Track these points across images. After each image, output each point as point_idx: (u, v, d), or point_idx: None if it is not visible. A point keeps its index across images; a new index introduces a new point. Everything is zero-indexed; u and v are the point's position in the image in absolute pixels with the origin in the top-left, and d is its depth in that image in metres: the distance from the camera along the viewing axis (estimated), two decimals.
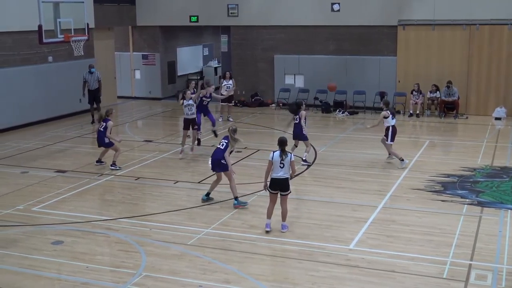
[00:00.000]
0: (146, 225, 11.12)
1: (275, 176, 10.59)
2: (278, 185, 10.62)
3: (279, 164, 10.54)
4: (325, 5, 23.22)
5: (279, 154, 10.57)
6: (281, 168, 10.55)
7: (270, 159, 10.60)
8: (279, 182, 10.60)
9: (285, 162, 10.54)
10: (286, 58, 24.16)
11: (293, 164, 10.68)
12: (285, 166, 10.56)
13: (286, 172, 10.61)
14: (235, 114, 22.16)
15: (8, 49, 19.68)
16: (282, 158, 10.53)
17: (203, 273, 9.05)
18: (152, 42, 26.59)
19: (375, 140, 18.04)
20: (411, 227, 10.85)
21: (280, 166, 10.55)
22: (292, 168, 10.67)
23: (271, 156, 10.60)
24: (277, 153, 10.59)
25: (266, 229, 10.69)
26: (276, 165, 10.57)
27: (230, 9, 24.74)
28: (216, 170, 12.32)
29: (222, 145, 12.28)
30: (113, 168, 14.82)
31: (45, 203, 12.39)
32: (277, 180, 10.59)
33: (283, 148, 10.63)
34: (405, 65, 22.48)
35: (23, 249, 10.04)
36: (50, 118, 21.20)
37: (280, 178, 10.58)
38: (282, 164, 10.54)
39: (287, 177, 10.63)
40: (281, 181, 10.59)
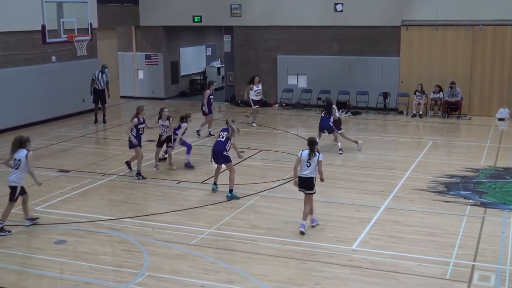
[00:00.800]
0: (149, 225, 11.12)
1: (300, 174, 10.73)
2: (302, 183, 10.75)
3: (306, 162, 10.64)
4: (328, 5, 23.21)
5: (307, 153, 10.66)
6: (307, 167, 10.64)
7: (299, 155, 10.73)
8: (303, 180, 10.72)
9: (312, 161, 10.61)
10: (289, 59, 24.14)
11: (320, 164, 10.70)
12: (312, 165, 10.63)
13: (312, 172, 10.66)
14: (235, 114, 22.14)
15: (12, 49, 19.71)
16: (309, 157, 10.62)
17: (206, 273, 9.05)
18: (155, 42, 26.60)
19: (377, 141, 18.04)
20: (414, 228, 10.84)
21: (307, 165, 10.64)
22: (318, 169, 10.70)
23: (300, 153, 10.75)
24: (306, 152, 10.69)
25: (301, 229, 10.65)
26: (303, 163, 10.68)
27: (233, 9, 24.74)
28: (219, 162, 12.68)
29: (222, 137, 12.70)
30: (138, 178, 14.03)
31: (48, 203, 12.40)
32: (302, 179, 10.73)
33: (313, 148, 10.70)
34: (408, 66, 22.46)
35: (26, 249, 10.06)
36: (53, 117, 21.22)
37: (304, 177, 10.69)
38: (309, 163, 10.63)
39: (312, 176, 10.69)
40: (305, 179, 10.70)
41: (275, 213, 11.72)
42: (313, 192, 10.80)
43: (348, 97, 23.00)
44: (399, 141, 18.63)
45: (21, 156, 10.61)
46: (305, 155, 10.67)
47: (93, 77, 20.89)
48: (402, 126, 20.97)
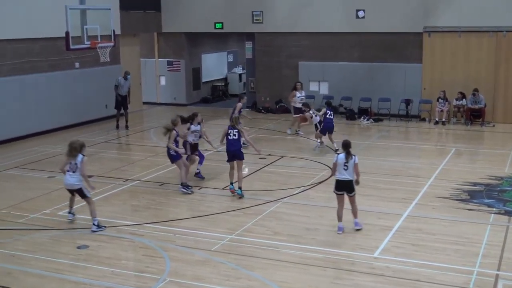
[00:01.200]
0: (170, 230, 11.16)
1: (339, 178, 10.81)
2: (342, 187, 10.83)
3: (343, 166, 10.75)
4: (350, 12, 23.17)
5: (344, 157, 10.77)
6: (345, 170, 10.75)
7: (334, 161, 10.86)
8: (343, 184, 10.82)
9: (349, 164, 10.73)
10: (310, 65, 24.12)
11: (357, 167, 10.83)
12: (349, 168, 10.74)
13: (350, 174, 10.77)
14: (258, 120, 22.16)
15: (36, 55, 19.96)
16: (346, 160, 10.72)
17: (227, 279, 9.04)
18: (177, 48, 26.76)
19: (399, 148, 17.94)
20: (437, 236, 10.73)
21: (344, 168, 10.75)
22: (356, 171, 10.82)
23: (335, 158, 10.87)
24: (342, 156, 10.82)
25: (338, 232, 10.85)
26: (340, 167, 10.78)
27: (255, 16, 24.80)
28: (240, 158, 13.10)
29: (234, 135, 13.01)
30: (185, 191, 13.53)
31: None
32: (341, 182, 10.82)
33: (348, 151, 10.79)
34: (431, 72, 22.31)
35: (49, 253, 10.14)
36: (77, 123, 21.43)
37: (344, 180, 10.79)
38: (346, 166, 10.74)
39: (351, 179, 10.80)
40: (345, 183, 10.81)
41: (296, 220, 11.69)
42: (354, 193, 10.92)
43: (370, 104, 22.91)
44: (422, 148, 18.50)
45: (77, 161, 11.06)
46: (341, 159, 10.78)
47: (116, 83, 21.09)
48: (424, 133, 20.82)
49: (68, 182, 11.13)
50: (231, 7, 25.08)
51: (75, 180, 11.08)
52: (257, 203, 12.64)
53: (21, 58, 19.42)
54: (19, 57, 19.35)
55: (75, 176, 11.07)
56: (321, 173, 14.93)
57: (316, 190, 13.69)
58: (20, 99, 19.32)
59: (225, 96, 29.02)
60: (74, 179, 11.09)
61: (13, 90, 19.06)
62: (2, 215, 12.08)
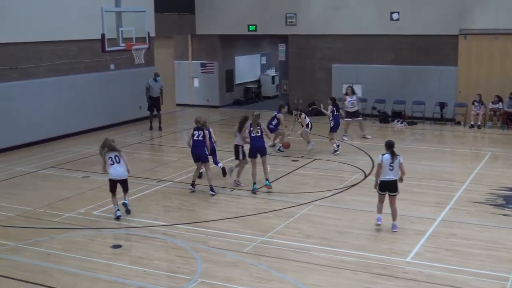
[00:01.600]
0: (202, 231, 11.23)
1: (385, 179, 10.85)
2: (387, 187, 10.89)
3: (388, 167, 10.78)
4: (384, 14, 23.01)
5: (389, 157, 10.81)
6: (390, 170, 10.79)
7: (379, 161, 10.86)
8: (388, 185, 10.87)
9: (394, 164, 10.77)
10: (344, 67, 24.02)
11: (402, 166, 10.92)
12: (394, 168, 10.79)
13: (396, 174, 10.84)
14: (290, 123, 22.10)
15: (73, 57, 20.30)
16: (392, 160, 10.77)
17: (258, 281, 9.06)
18: (210, 50, 26.90)
19: (433, 152, 17.74)
20: (471, 241, 10.59)
21: (390, 169, 10.79)
22: (402, 170, 10.91)
23: (380, 158, 10.87)
24: (387, 156, 10.84)
25: (378, 223, 11.06)
26: (385, 168, 10.79)
27: (288, 18, 24.80)
28: (264, 154, 13.61)
29: (257, 133, 13.43)
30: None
31: (105, 207, 12.67)
32: (387, 183, 10.87)
33: (392, 151, 10.83)
34: (466, 75, 22.01)
35: (83, 252, 10.29)
36: (111, 124, 21.71)
37: (390, 181, 10.85)
38: (392, 166, 10.78)
39: (396, 179, 10.88)
40: (390, 183, 10.87)
41: (328, 222, 11.66)
42: (398, 193, 10.95)
43: (403, 107, 22.71)
44: (456, 152, 18.26)
45: (116, 154, 12.02)
46: (387, 159, 10.81)
47: (147, 85, 21.37)
48: (459, 137, 20.54)
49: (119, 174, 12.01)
50: (265, 9, 25.12)
51: (122, 171, 12.05)
52: (289, 206, 12.63)
53: (58, 60, 19.77)
54: (56, 58, 19.71)
55: (121, 167, 12.03)
56: (353, 176, 14.86)
57: (348, 193, 13.63)
58: (57, 100, 19.67)
59: (258, 98, 29.07)
60: (120, 170, 12.01)
61: (50, 91, 19.41)
62: (39, 214, 12.32)
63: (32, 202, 13.09)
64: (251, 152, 13.67)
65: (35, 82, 18.96)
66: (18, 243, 10.69)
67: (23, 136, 18.51)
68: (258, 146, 13.52)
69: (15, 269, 9.59)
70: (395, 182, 10.89)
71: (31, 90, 18.77)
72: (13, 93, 18.20)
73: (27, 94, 18.64)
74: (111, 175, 11.96)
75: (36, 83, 19.00)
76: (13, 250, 10.41)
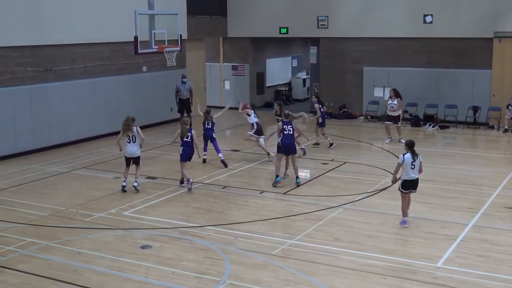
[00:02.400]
0: (231, 233, 11.26)
1: (408, 178, 11.19)
2: (411, 185, 11.25)
3: (410, 165, 11.10)
4: (417, 17, 22.81)
5: (410, 156, 11.09)
6: (412, 169, 11.12)
7: (401, 162, 11.14)
8: (413, 183, 11.25)
9: (416, 163, 11.09)
10: (375, 70, 23.87)
11: (421, 165, 11.29)
12: (416, 167, 11.12)
13: (416, 173, 11.19)
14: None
15: (106, 59, 20.57)
16: (413, 159, 11.06)
17: (286, 284, 9.05)
18: (242, 53, 27.00)
19: (466, 156, 17.52)
20: (504, 247, 10.41)
21: (411, 168, 11.11)
22: (421, 169, 11.28)
23: (402, 158, 11.12)
24: (408, 155, 11.11)
25: (404, 226, 11.37)
26: (407, 167, 11.12)
27: (320, 21, 24.75)
28: (293, 153, 14.19)
29: (289, 130, 13.99)
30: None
31: (136, 208, 12.80)
32: (411, 181, 11.22)
33: (413, 150, 11.14)
34: (501, 79, 21.68)
35: (113, 252, 10.40)
36: (143, 125, 21.65)
37: (413, 179, 11.22)
38: (413, 165, 11.10)
39: (418, 177, 11.25)
40: (413, 182, 11.25)
41: (357, 226, 11.58)
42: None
43: (436, 110, 22.47)
44: (489, 156, 17.98)
45: (134, 132, 13.77)
46: (409, 158, 11.09)
47: (176, 88, 21.56)
48: (492, 141, 20.22)
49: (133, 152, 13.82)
50: (296, 12, 25.11)
51: (135, 149, 13.84)
52: (318, 209, 12.60)
53: (91, 62, 20.05)
54: (89, 60, 19.99)
55: (135, 145, 13.84)
56: (383, 180, 14.74)
57: (378, 197, 13.53)
58: (90, 101, 19.94)
59: (289, 101, 29.05)
60: (134, 148, 13.82)
61: (83, 93, 19.69)
62: (70, 214, 12.50)
63: (64, 202, 13.30)
64: (281, 149, 14.30)
65: (69, 83, 19.26)
66: (49, 242, 10.87)
67: (56, 137, 18.81)
68: (288, 143, 14.14)
69: (46, 268, 9.74)
70: (418, 180, 11.27)
71: (65, 92, 19.07)
72: (48, 94, 18.52)
73: (61, 96, 18.95)
74: (125, 153, 13.92)
75: (70, 84, 19.30)
76: (45, 248, 10.58)
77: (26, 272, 9.58)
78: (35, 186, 14.72)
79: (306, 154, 17.39)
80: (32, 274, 9.49)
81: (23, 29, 17.63)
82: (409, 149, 11.15)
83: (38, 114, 18.16)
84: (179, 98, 21.62)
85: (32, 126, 18.00)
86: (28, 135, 17.90)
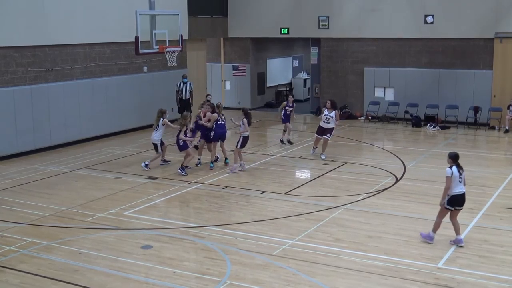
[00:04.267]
0: (232, 233, 11.25)
1: (458, 192, 10.38)
2: (460, 201, 10.44)
3: (458, 179, 10.35)
4: (418, 17, 22.80)
5: (457, 169, 10.37)
6: (460, 183, 10.37)
7: (450, 175, 10.32)
8: (461, 198, 10.44)
9: (463, 176, 10.43)
10: (376, 71, 23.87)
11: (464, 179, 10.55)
12: (463, 180, 10.43)
13: (464, 187, 10.44)
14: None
15: (107, 59, 20.56)
16: (460, 172, 10.38)
17: (287, 285, 9.04)
18: (243, 53, 27.00)
19: (467, 157, 17.48)
20: (505, 248, 10.40)
21: (459, 181, 10.36)
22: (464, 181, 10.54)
23: (450, 172, 10.33)
24: (455, 168, 10.38)
25: (430, 242, 10.58)
26: (456, 181, 10.34)
27: (321, 21, 24.74)
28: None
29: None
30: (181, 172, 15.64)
31: (136, 208, 12.80)
32: (460, 196, 10.42)
33: (458, 163, 10.48)
34: (502, 79, 21.67)
35: (114, 252, 10.40)
36: (143, 126, 21.89)
37: (462, 194, 10.41)
38: (461, 178, 10.38)
39: (465, 191, 10.48)
40: (462, 196, 10.43)
41: (358, 227, 11.57)
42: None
43: (436, 111, 22.46)
44: (490, 157, 17.98)
45: (159, 123, 15.95)
46: (456, 172, 10.35)
47: (177, 88, 21.57)
48: (493, 142, 20.21)
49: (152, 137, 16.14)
50: (297, 12, 25.10)
51: (155, 136, 16.01)
52: (319, 209, 12.59)
53: (92, 62, 20.05)
54: (90, 60, 19.99)
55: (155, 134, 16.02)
56: (384, 180, 14.74)
57: (379, 197, 13.52)
58: (91, 101, 19.93)
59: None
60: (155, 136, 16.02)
61: (84, 93, 19.68)
62: (71, 214, 12.49)
63: (65, 202, 13.29)
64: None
65: (70, 83, 19.25)
66: (50, 242, 10.86)
67: (57, 137, 18.80)
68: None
69: (47, 268, 9.74)
70: (465, 194, 10.49)
71: (66, 92, 19.06)
72: (49, 94, 18.50)
73: (62, 96, 18.94)
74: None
75: (71, 84, 19.29)
76: (46, 248, 10.58)
77: (27, 272, 9.58)
78: (36, 186, 14.72)
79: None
80: (33, 274, 9.48)
81: (24, 29, 17.63)
82: (454, 161, 10.43)
83: (39, 114, 18.16)
84: (180, 98, 21.62)
85: (33, 126, 17.99)
86: (29, 135, 17.90)
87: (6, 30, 17.16)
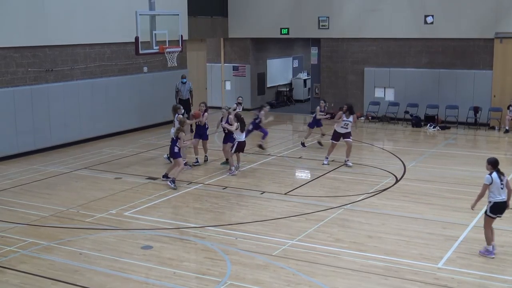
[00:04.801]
0: (232, 234, 11.26)
1: (500, 200, 9.96)
2: (502, 208, 10.03)
3: (499, 186, 9.94)
4: (418, 17, 22.80)
5: (498, 176, 9.97)
6: (502, 189, 9.95)
7: (488, 182, 9.95)
8: (503, 206, 10.02)
9: (504, 183, 9.97)
10: (376, 71, 23.87)
11: (509, 184, 10.05)
12: (505, 187, 9.98)
13: (505, 194, 9.99)
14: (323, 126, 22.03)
15: (107, 60, 20.57)
16: (501, 179, 9.98)
17: (287, 285, 9.04)
18: (243, 53, 27.01)
19: (467, 157, 17.52)
20: (505, 248, 10.40)
21: (501, 188, 9.95)
22: (509, 189, 10.02)
23: (489, 179, 9.95)
24: (496, 175, 9.97)
25: (492, 256, 10.01)
26: (497, 188, 9.94)
27: (321, 21, 24.75)
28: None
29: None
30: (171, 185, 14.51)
31: (136, 209, 12.80)
32: (502, 204, 9.99)
33: (499, 169, 10.09)
34: (502, 79, 21.67)
35: (114, 252, 10.40)
36: (143, 126, 21.94)
37: (503, 202, 9.99)
38: (502, 185, 9.96)
39: (506, 199, 10.04)
40: (504, 204, 10.01)
41: (358, 227, 11.58)
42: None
43: (436, 111, 22.46)
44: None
45: (174, 119, 15.77)
46: (497, 178, 9.94)
47: (176, 88, 21.57)
48: (493, 142, 20.21)
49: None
50: (297, 12, 25.11)
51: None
52: (319, 209, 12.59)
53: (92, 62, 20.05)
54: (90, 61, 19.99)
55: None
56: (384, 181, 14.74)
57: (379, 197, 13.52)
58: (91, 101, 19.94)
59: (290, 102, 29.08)
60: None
61: (84, 93, 19.69)
62: (71, 214, 12.50)
63: (65, 202, 13.30)
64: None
65: (70, 84, 19.26)
66: (51, 242, 10.87)
67: (57, 137, 18.81)
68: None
69: (47, 268, 9.75)
70: (506, 203, 10.03)
71: (66, 92, 19.08)
72: (49, 94, 18.51)
73: (62, 96, 18.95)
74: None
75: (71, 85, 19.30)
76: (46, 249, 10.58)
77: (27, 272, 9.58)
78: (36, 186, 14.72)
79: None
80: (33, 275, 9.49)
81: (24, 30, 17.64)
82: (494, 167, 10.01)
83: (39, 115, 18.16)
84: (179, 99, 21.62)
85: (33, 127, 18.00)
86: (29, 135, 17.90)
87: (6, 30, 17.17)
